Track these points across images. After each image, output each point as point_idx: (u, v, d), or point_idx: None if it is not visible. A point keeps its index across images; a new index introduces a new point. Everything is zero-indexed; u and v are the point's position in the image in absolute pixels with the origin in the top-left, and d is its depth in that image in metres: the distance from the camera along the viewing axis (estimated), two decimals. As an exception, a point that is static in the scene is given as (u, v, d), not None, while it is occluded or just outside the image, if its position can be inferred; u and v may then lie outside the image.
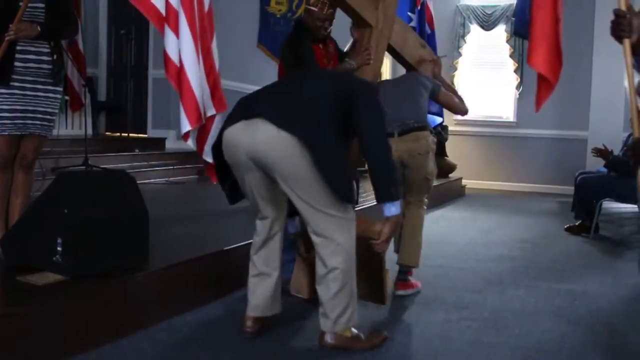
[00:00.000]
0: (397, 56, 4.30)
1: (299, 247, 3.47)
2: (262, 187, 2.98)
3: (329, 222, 2.87)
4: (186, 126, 3.41)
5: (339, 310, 2.89)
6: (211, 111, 3.83)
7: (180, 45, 3.37)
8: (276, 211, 3.10)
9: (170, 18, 3.50)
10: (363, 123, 2.88)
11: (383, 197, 2.93)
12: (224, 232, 4.23)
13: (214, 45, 3.86)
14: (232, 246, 3.93)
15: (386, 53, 4.32)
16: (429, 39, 7.10)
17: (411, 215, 4.08)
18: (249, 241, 3.27)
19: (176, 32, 3.47)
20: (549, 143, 11.01)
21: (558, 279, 4.67)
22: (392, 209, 2.95)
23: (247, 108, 2.90)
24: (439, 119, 7.47)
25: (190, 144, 3.70)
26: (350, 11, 3.81)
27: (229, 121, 2.93)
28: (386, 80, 4.37)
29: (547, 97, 4.34)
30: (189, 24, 3.42)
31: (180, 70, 3.46)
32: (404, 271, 4.01)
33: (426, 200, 4.18)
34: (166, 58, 3.54)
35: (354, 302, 2.95)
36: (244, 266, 3.27)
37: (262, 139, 2.78)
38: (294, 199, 2.87)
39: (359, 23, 3.98)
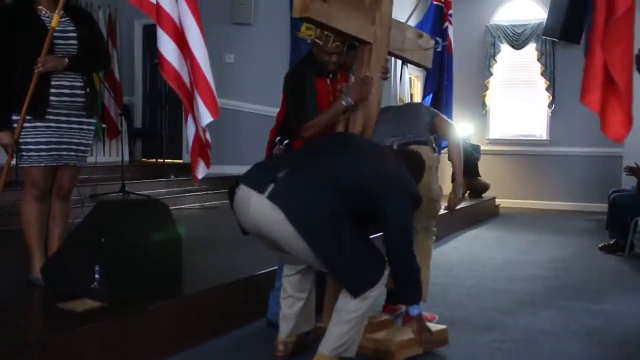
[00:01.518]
0: (397, 56, 4.02)
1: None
2: (272, 245, 2.98)
3: None
4: (207, 118, 3.58)
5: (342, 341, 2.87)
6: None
7: (195, 52, 3.58)
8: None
9: (166, 23, 3.67)
10: (390, 238, 2.88)
11: (408, 301, 3.11)
12: (256, 257, 4.29)
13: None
14: (264, 271, 4.00)
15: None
16: (448, 62, 7.21)
17: (417, 246, 3.61)
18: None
19: (180, 42, 3.64)
20: (583, 160, 10.92)
21: (591, 299, 4.65)
22: (415, 310, 3.11)
23: (264, 180, 2.84)
24: None
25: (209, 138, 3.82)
26: (346, 36, 3.50)
27: (246, 179, 2.91)
28: (390, 106, 4.23)
29: (624, 128, 4.20)
30: (200, 31, 3.63)
31: (195, 73, 3.62)
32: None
33: (434, 229, 3.97)
34: (162, 59, 3.67)
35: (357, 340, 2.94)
36: (275, 291, 3.34)
37: (268, 222, 2.79)
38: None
39: (357, 42, 3.63)
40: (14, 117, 3.45)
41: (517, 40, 11.21)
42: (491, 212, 10.03)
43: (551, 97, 11.01)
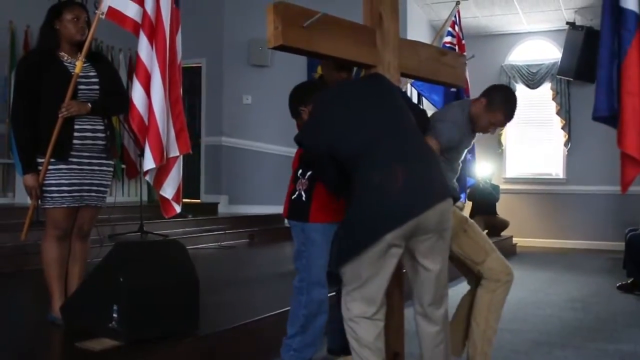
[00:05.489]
0: (416, 77, 3.76)
1: None
2: (392, 266, 2.73)
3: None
4: (150, 164, 3.91)
5: None
6: (174, 152, 4.15)
7: (152, 98, 3.91)
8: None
9: (140, 73, 3.96)
10: None
11: None
12: (273, 296, 4.34)
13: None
14: (280, 310, 4.02)
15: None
16: None
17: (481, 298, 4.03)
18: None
19: (147, 89, 3.94)
20: (601, 199, 10.86)
21: (607, 339, 4.62)
22: None
23: (411, 204, 2.65)
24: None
25: (148, 179, 4.05)
26: (346, 62, 3.24)
27: (393, 222, 2.62)
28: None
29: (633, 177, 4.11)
30: (161, 79, 3.93)
31: (150, 119, 3.92)
32: None
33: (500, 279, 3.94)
34: (132, 106, 3.95)
35: None
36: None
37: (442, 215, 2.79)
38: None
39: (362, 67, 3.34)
40: (39, 160, 3.55)
41: (532, 79, 11.27)
42: (508, 251, 9.97)
43: (567, 136, 11.02)
